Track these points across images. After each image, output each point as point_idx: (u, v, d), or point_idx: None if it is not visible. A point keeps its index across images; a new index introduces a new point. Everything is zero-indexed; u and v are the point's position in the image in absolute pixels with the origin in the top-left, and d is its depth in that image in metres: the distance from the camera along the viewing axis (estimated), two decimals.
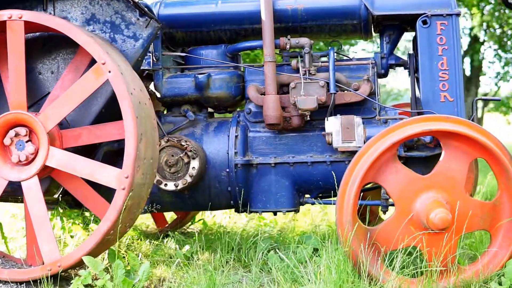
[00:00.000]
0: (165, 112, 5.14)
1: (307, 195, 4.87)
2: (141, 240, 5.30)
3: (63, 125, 4.37)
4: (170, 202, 4.89)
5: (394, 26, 4.85)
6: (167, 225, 6.06)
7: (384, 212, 4.55)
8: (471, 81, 20.50)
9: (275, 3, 4.79)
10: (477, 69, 20.53)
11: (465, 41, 20.84)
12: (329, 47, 4.72)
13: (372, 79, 4.69)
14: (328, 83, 4.58)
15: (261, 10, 4.63)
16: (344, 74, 4.72)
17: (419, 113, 4.56)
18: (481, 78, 21.26)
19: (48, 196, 4.66)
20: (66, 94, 4.05)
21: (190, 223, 6.17)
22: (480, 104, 21.32)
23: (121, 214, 3.85)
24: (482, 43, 20.14)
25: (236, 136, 4.74)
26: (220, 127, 4.83)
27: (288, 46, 4.69)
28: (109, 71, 3.90)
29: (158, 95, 4.89)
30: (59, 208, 5.06)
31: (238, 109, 5.15)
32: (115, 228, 3.93)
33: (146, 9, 4.42)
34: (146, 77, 4.99)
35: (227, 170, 4.70)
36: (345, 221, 3.90)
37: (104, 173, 3.96)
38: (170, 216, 6.34)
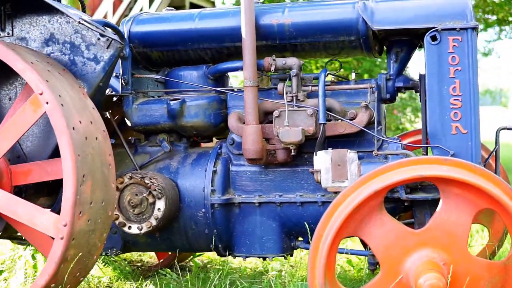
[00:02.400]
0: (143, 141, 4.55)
1: (300, 238, 4.22)
2: (121, 281, 4.77)
3: (20, 157, 3.94)
4: (146, 243, 4.32)
5: (402, 41, 4.06)
6: (163, 258, 5.52)
7: (372, 271, 3.83)
8: None
9: (259, 17, 4.08)
10: None
11: None
12: (323, 68, 4.03)
13: (372, 105, 3.98)
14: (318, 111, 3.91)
15: (241, 25, 3.97)
16: (340, 100, 4.01)
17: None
18: None
19: (9, 233, 4.26)
20: (5, 127, 3.58)
21: (191, 256, 5.60)
22: None
23: (61, 266, 3.34)
24: None
25: (214, 171, 4.11)
26: (198, 160, 4.20)
27: (273, 68, 3.98)
28: (47, 103, 3.40)
29: (129, 123, 4.32)
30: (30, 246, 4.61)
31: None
32: (56, 282, 3.42)
33: (104, 27, 3.89)
34: (119, 103, 4.45)
35: (203, 210, 4.09)
36: (317, 284, 3.25)
37: (42, 219, 3.45)
38: None
